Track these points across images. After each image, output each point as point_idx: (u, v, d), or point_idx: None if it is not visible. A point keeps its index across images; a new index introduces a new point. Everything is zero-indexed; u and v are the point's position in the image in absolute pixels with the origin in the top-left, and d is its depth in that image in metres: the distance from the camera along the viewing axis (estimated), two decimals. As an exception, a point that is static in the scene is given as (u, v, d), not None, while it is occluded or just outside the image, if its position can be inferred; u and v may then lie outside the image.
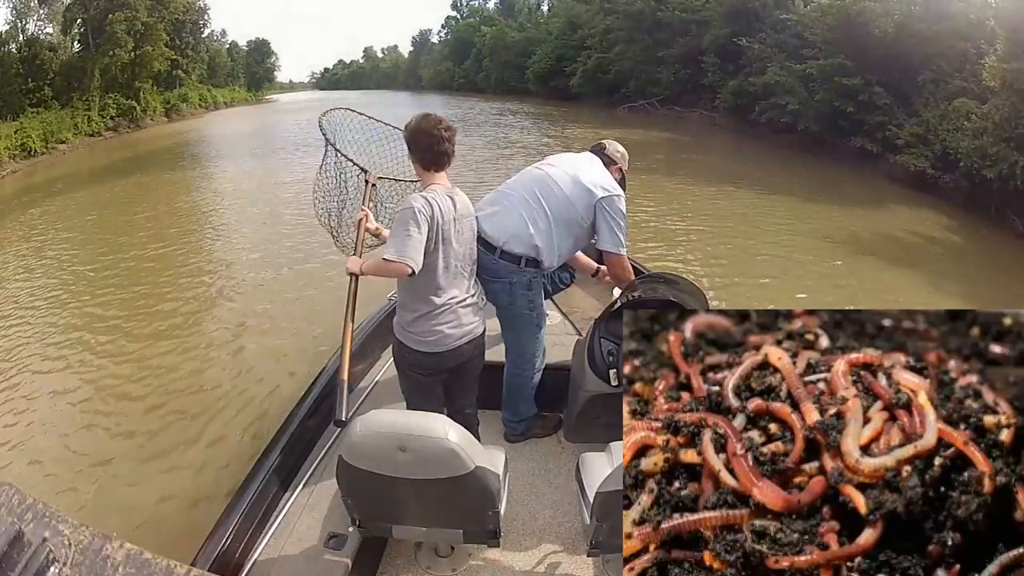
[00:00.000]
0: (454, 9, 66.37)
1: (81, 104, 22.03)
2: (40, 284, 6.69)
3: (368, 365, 2.76)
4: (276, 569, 1.66)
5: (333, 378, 2.41)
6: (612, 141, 2.46)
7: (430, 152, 1.87)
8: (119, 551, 0.48)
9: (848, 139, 13.83)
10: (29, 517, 0.47)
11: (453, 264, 1.88)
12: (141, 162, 16.19)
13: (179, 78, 32.11)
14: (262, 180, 12.39)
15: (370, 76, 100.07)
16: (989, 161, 9.05)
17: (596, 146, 2.44)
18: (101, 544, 0.48)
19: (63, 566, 0.46)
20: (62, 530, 0.48)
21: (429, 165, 1.89)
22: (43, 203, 11.41)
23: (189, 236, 8.64)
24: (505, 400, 2.49)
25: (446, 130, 1.86)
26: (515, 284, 2.19)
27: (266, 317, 5.32)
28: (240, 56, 51.62)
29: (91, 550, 0.47)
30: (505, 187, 2.32)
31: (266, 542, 1.74)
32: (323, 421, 2.31)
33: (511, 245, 2.16)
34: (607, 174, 2.30)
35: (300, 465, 2.08)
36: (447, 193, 1.87)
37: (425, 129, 1.84)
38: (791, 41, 16.35)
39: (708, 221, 8.22)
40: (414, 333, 1.87)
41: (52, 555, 0.46)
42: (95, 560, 0.47)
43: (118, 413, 3.88)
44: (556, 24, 35.69)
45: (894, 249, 7.67)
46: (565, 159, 2.38)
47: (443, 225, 1.81)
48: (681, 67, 23.00)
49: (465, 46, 50.67)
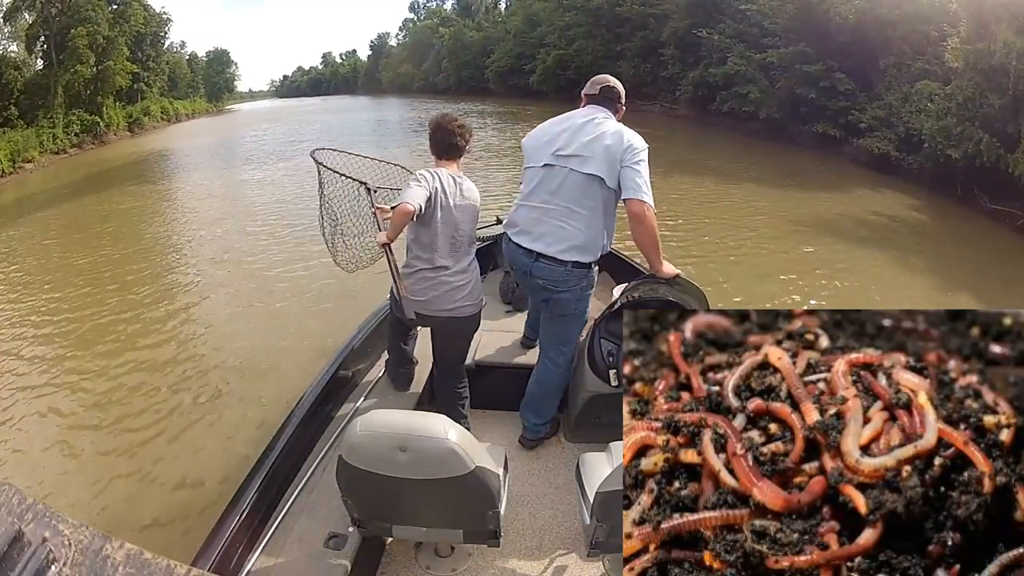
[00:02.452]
0: (411, 11, 66.57)
1: (46, 122, 21.78)
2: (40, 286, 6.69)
3: (369, 364, 2.76)
4: (276, 569, 1.66)
5: (333, 378, 2.42)
6: (608, 78, 2.24)
7: (443, 144, 2.20)
8: (119, 551, 0.48)
9: (811, 125, 14.01)
10: (29, 517, 0.47)
11: (453, 235, 2.14)
12: (107, 178, 16.00)
13: (141, 91, 31.97)
14: (228, 193, 12.26)
15: (330, 82, 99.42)
16: (954, 141, 9.19)
17: (601, 95, 2.19)
18: (101, 544, 0.48)
19: (63, 566, 0.46)
20: (62, 530, 0.48)
21: (441, 154, 2.22)
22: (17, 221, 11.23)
23: (182, 238, 8.64)
24: (534, 400, 2.43)
25: (459, 127, 2.21)
26: (584, 287, 2.20)
27: (267, 317, 5.33)
28: (200, 67, 50.88)
29: (91, 550, 0.47)
30: (538, 200, 2.15)
31: (266, 542, 1.73)
32: (323, 421, 2.31)
33: (574, 254, 2.12)
34: (623, 136, 2.07)
35: (300, 465, 2.08)
36: (452, 175, 2.16)
37: (442, 125, 2.21)
38: (751, 31, 16.45)
39: (674, 212, 8.27)
40: (409, 291, 2.11)
41: (52, 555, 0.45)
42: (95, 560, 0.47)
43: (118, 414, 3.88)
44: (514, 22, 35.88)
45: (860, 230, 7.75)
46: (577, 141, 2.09)
47: (444, 196, 2.10)
48: (641, 61, 23.27)
49: (424, 48, 50.79)
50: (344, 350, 2.61)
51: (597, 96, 2.20)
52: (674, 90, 20.96)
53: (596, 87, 2.22)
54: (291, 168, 13.91)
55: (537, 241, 2.13)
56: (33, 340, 5.15)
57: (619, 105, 2.22)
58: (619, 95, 2.22)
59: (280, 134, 23.26)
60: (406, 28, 67.25)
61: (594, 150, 2.06)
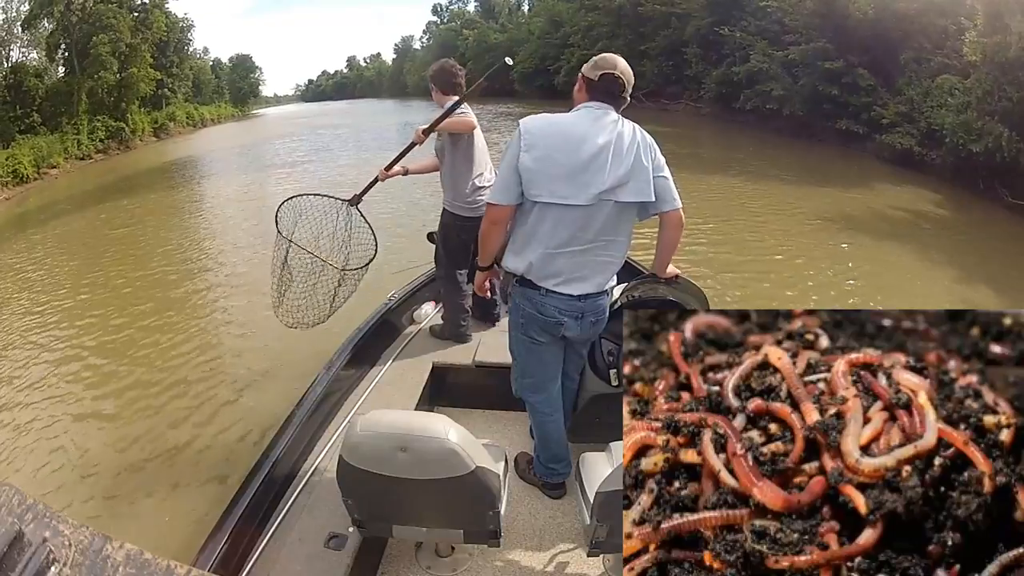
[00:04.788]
0: (435, 14, 66.82)
1: (70, 128, 21.76)
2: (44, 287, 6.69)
3: (369, 364, 2.76)
4: (276, 569, 1.66)
5: (333, 378, 2.42)
6: (616, 61, 1.79)
7: (448, 84, 2.73)
8: (119, 551, 0.48)
9: (834, 122, 13.98)
10: (29, 517, 0.47)
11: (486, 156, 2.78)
12: (134, 184, 16.03)
13: (165, 97, 32.07)
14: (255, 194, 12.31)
15: (355, 85, 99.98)
16: (974, 135, 9.12)
17: (609, 92, 1.77)
18: (101, 544, 0.48)
19: (63, 566, 0.45)
20: (62, 530, 0.48)
21: (448, 91, 2.73)
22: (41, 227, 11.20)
23: (193, 242, 8.65)
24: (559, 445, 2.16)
25: (458, 69, 2.78)
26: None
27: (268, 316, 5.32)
28: (224, 72, 51.25)
29: (91, 550, 0.47)
30: (581, 244, 1.78)
31: (266, 542, 1.73)
32: (323, 421, 2.31)
33: (613, 280, 1.95)
34: (650, 145, 1.79)
35: (300, 465, 2.08)
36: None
37: (446, 68, 2.76)
38: (772, 27, 16.46)
39: (705, 209, 8.29)
40: (459, 201, 2.76)
41: (52, 555, 0.45)
42: (95, 560, 0.47)
43: (118, 414, 3.88)
44: (538, 23, 35.95)
45: (883, 225, 7.79)
46: (615, 169, 1.72)
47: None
48: (665, 60, 23.23)
49: (448, 50, 50.67)
50: (344, 350, 2.61)
51: (604, 87, 1.78)
52: (698, 88, 20.94)
53: (600, 72, 1.77)
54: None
55: (585, 282, 1.83)
56: (33, 339, 5.14)
57: (625, 96, 1.81)
58: (626, 85, 1.79)
59: (311, 138, 23.26)
60: (430, 31, 67.64)
61: (633, 174, 1.73)
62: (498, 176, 1.80)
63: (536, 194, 1.73)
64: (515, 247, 1.85)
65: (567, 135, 1.73)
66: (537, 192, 1.73)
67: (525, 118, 1.77)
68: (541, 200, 1.73)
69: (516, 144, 1.73)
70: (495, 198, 1.78)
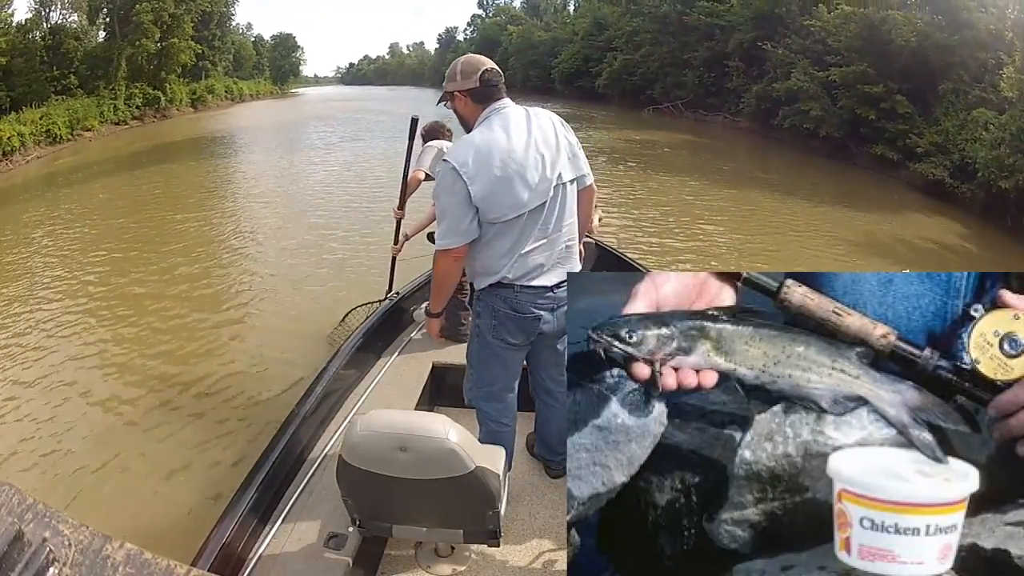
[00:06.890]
0: (480, 7, 66.65)
1: (107, 93, 21.87)
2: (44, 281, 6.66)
3: (369, 364, 2.76)
4: (276, 569, 1.65)
5: (333, 377, 2.42)
6: (471, 60, 1.79)
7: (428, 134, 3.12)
8: (119, 551, 0.47)
9: (869, 146, 13.86)
10: (29, 517, 0.47)
11: None
12: (170, 151, 16.15)
13: (205, 69, 32.05)
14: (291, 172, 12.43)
15: (395, 72, 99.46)
16: (1006, 171, 9.06)
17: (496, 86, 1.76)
18: (101, 544, 0.48)
19: (63, 566, 0.45)
20: (62, 530, 0.48)
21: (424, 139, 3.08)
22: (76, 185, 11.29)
23: (206, 227, 8.64)
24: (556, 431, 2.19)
25: (440, 125, 3.26)
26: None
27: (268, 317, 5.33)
28: (266, 49, 51.26)
29: (91, 550, 0.47)
30: (542, 238, 1.77)
31: (266, 542, 1.73)
32: (323, 421, 2.31)
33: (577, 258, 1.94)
34: (560, 121, 1.82)
35: (300, 465, 2.07)
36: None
37: (430, 127, 3.13)
38: (815, 47, 16.28)
39: (733, 222, 8.43)
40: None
41: (52, 555, 0.45)
42: (95, 560, 0.47)
43: (118, 414, 3.87)
44: (582, 24, 35.41)
45: (909, 254, 7.79)
46: (550, 155, 1.74)
47: None
48: (706, 70, 23.03)
49: (491, 45, 49.77)
50: (344, 350, 2.62)
51: (489, 85, 1.75)
52: (737, 102, 20.68)
53: (476, 74, 1.74)
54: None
55: (553, 272, 1.81)
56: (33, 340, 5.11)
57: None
58: (500, 73, 1.80)
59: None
60: (474, 24, 67.30)
61: (563, 151, 1.77)
62: (446, 220, 1.70)
63: (497, 217, 1.69)
64: (484, 267, 1.80)
65: (496, 148, 1.68)
66: (497, 215, 1.69)
67: (447, 156, 1.73)
68: (505, 219, 1.70)
69: (455, 181, 1.66)
70: (452, 242, 1.70)
